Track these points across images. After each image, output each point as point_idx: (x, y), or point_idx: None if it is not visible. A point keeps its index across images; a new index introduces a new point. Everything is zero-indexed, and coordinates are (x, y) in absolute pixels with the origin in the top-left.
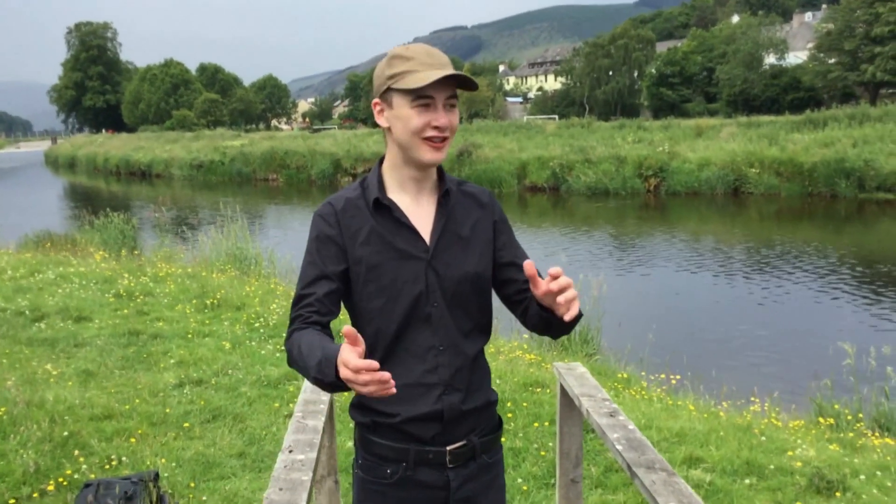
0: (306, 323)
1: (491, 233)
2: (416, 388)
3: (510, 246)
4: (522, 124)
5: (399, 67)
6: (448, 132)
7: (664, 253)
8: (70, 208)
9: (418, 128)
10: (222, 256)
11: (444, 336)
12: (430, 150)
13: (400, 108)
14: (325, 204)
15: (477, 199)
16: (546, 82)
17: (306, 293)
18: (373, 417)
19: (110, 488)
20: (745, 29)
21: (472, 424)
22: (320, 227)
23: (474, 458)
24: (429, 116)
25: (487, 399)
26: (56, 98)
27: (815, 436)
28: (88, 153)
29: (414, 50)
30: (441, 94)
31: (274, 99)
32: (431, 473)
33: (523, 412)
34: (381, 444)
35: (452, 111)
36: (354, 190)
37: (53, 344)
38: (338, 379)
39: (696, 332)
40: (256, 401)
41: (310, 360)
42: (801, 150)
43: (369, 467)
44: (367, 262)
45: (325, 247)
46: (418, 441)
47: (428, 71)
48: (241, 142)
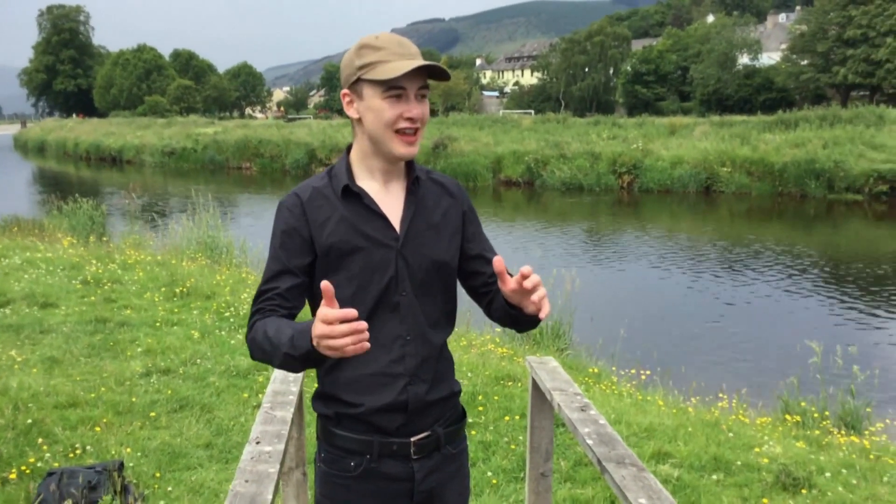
0: (272, 314)
1: (460, 222)
2: (381, 377)
3: (478, 238)
4: (498, 118)
5: (369, 57)
6: (420, 123)
7: (637, 249)
8: (38, 193)
9: (390, 119)
10: (193, 244)
11: (412, 325)
12: (403, 143)
13: (371, 100)
14: (291, 194)
15: (446, 188)
16: (522, 77)
17: (268, 288)
18: (336, 409)
19: (74, 477)
20: (719, 29)
21: (437, 415)
22: (285, 218)
23: (438, 448)
24: (401, 108)
25: (451, 389)
26: (26, 81)
27: (781, 433)
28: (58, 138)
29: (384, 39)
30: (413, 84)
31: (248, 87)
32: (396, 465)
33: (494, 405)
34: (344, 437)
35: (424, 102)
36: (321, 179)
37: (18, 330)
38: (312, 348)
39: (667, 328)
40: (225, 391)
41: (280, 338)
42: (772, 150)
43: (332, 460)
44: (336, 251)
45: (289, 240)
46: (382, 432)
47: (399, 61)
48: (214, 129)
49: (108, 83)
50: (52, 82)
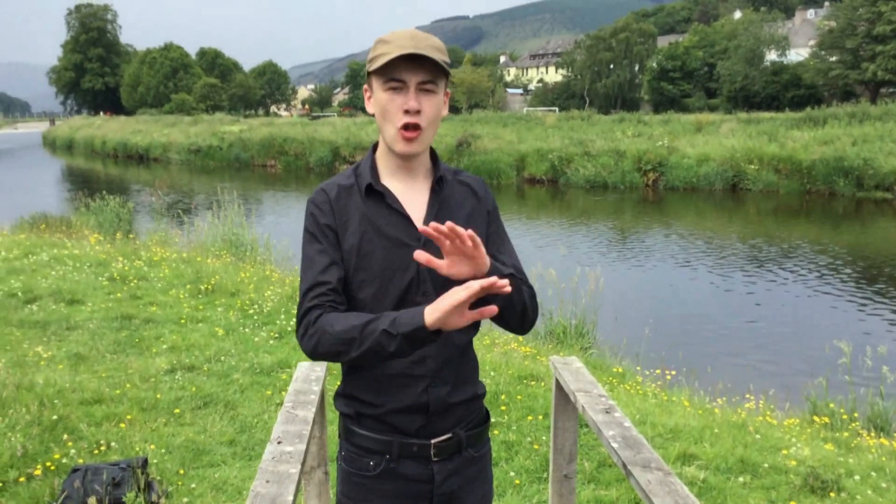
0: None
1: (485, 224)
2: (402, 378)
3: (495, 239)
4: (522, 116)
5: (377, 50)
6: (422, 119)
7: (662, 248)
8: (66, 190)
9: (390, 111)
10: (218, 242)
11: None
12: (403, 141)
13: (376, 92)
14: (319, 191)
15: (472, 188)
16: (547, 74)
17: (321, 281)
18: (357, 408)
19: (98, 474)
20: (747, 25)
21: (459, 417)
22: (316, 213)
23: (460, 451)
24: (400, 100)
25: (474, 392)
26: (55, 79)
27: (809, 434)
28: (86, 135)
29: (398, 34)
30: (413, 77)
31: (273, 85)
32: (415, 466)
33: (517, 405)
34: (364, 436)
35: (428, 96)
36: (348, 177)
37: (45, 326)
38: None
39: (693, 327)
40: (248, 388)
41: (373, 322)
42: (800, 148)
43: (353, 459)
44: (358, 250)
45: (325, 232)
46: (402, 433)
47: (399, 52)
48: (239, 127)
49: (136, 81)
50: (80, 80)
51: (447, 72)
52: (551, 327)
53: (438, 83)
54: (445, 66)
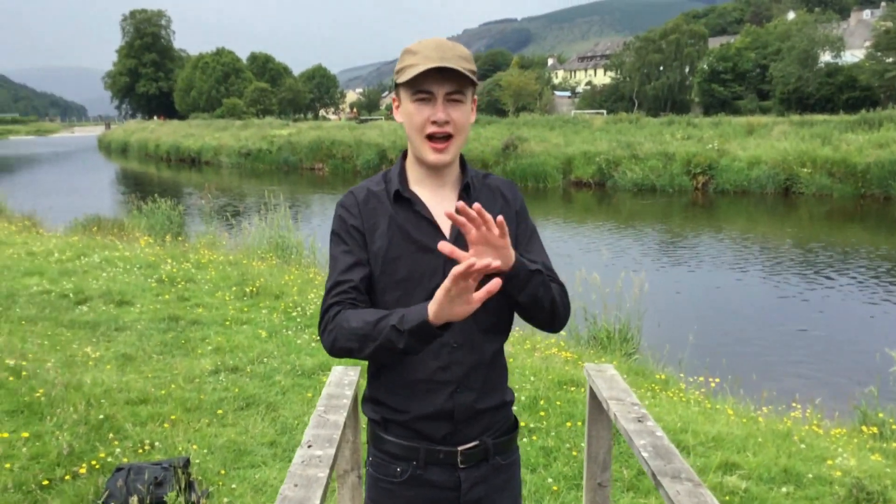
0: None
1: (514, 224)
2: (428, 384)
3: (523, 240)
4: (569, 119)
5: (405, 62)
6: (451, 129)
7: (710, 252)
8: (120, 193)
9: (418, 123)
10: (264, 244)
11: (460, 333)
12: (432, 150)
13: (404, 103)
14: (348, 194)
15: (501, 191)
16: (595, 77)
17: (344, 279)
18: (384, 414)
19: (140, 473)
20: (800, 26)
21: (486, 425)
22: (344, 215)
23: (487, 459)
24: (427, 111)
25: (503, 399)
26: (110, 84)
27: (856, 445)
28: (140, 139)
29: (424, 44)
30: (440, 88)
31: (322, 89)
32: (442, 473)
33: (556, 411)
34: (391, 442)
35: (456, 106)
36: (377, 183)
37: (94, 327)
38: (426, 321)
39: (739, 334)
40: (290, 390)
41: (385, 319)
42: (854, 151)
43: (380, 465)
44: (385, 255)
45: (353, 235)
46: (429, 440)
47: (427, 64)
48: (288, 131)
49: (188, 86)
50: (134, 85)
51: (474, 82)
52: (595, 332)
53: (465, 93)
54: (472, 77)
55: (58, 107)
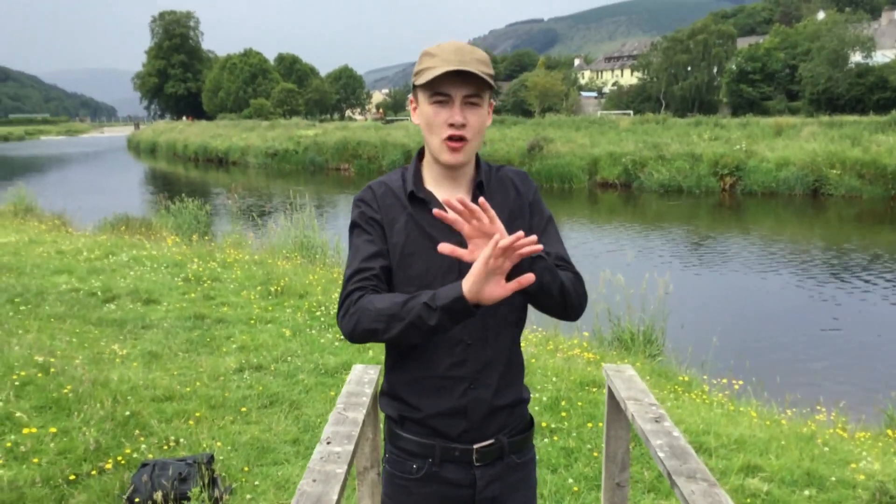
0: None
1: (528, 220)
2: (442, 381)
3: (537, 227)
4: (595, 119)
5: (423, 64)
6: (467, 132)
7: (736, 254)
8: (148, 193)
9: (436, 125)
10: (289, 244)
11: (474, 330)
12: (448, 151)
13: (422, 105)
14: (367, 189)
15: (513, 183)
16: (622, 77)
17: (365, 267)
18: (400, 411)
19: (165, 469)
20: (830, 26)
21: (502, 423)
22: (363, 209)
23: (502, 457)
24: (445, 114)
25: (518, 397)
26: (139, 85)
27: (881, 448)
28: (169, 139)
29: (443, 47)
30: (458, 91)
31: (349, 90)
32: (457, 471)
33: (578, 411)
34: (407, 439)
35: (473, 109)
36: (395, 179)
37: (122, 325)
38: (461, 295)
39: (764, 336)
40: (313, 388)
41: (413, 298)
42: (885, 152)
43: (396, 461)
44: (402, 250)
45: (373, 227)
46: (445, 437)
47: (445, 67)
48: (314, 131)
49: (216, 87)
50: (163, 86)
51: (491, 85)
52: (618, 333)
53: (483, 96)
54: (490, 81)
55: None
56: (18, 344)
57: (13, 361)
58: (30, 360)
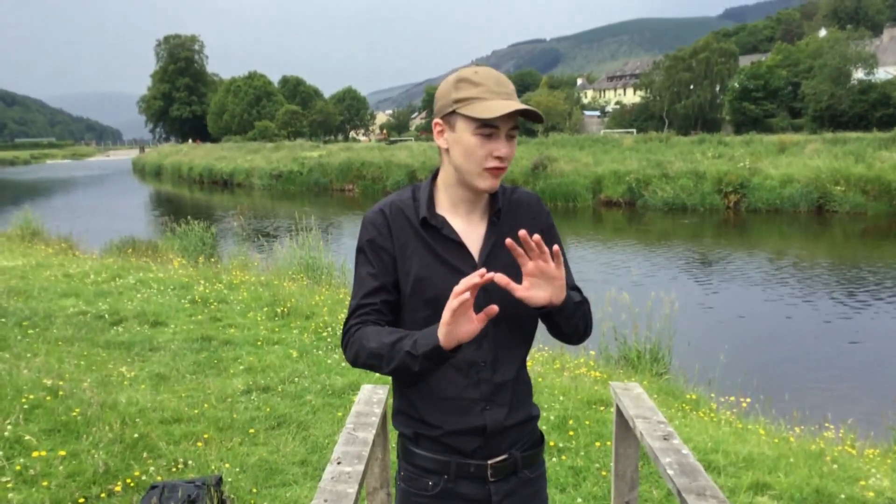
0: (373, 324)
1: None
2: (459, 402)
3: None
4: (599, 138)
5: (467, 92)
6: (507, 162)
7: (741, 271)
8: (154, 215)
9: (480, 157)
10: (295, 265)
11: (489, 352)
12: (488, 178)
13: (462, 133)
14: (377, 210)
15: (527, 208)
16: (625, 96)
17: (366, 303)
18: (416, 428)
19: (174, 491)
20: (832, 43)
21: (514, 439)
22: (372, 234)
23: (516, 472)
24: (491, 146)
25: (529, 414)
26: (145, 108)
27: (890, 465)
28: (174, 162)
29: (483, 75)
30: (506, 124)
31: (353, 111)
32: (472, 487)
33: (585, 430)
34: (422, 456)
35: (512, 141)
36: (406, 199)
37: (129, 347)
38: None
39: (771, 354)
40: (321, 409)
41: (402, 343)
42: (889, 168)
43: (411, 478)
44: (415, 275)
45: (380, 255)
46: (460, 454)
47: (497, 100)
48: (319, 153)
49: (221, 109)
50: (168, 109)
51: (542, 119)
52: (625, 352)
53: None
54: (542, 116)
55: (93, 131)
56: (27, 367)
57: (22, 385)
58: (38, 383)
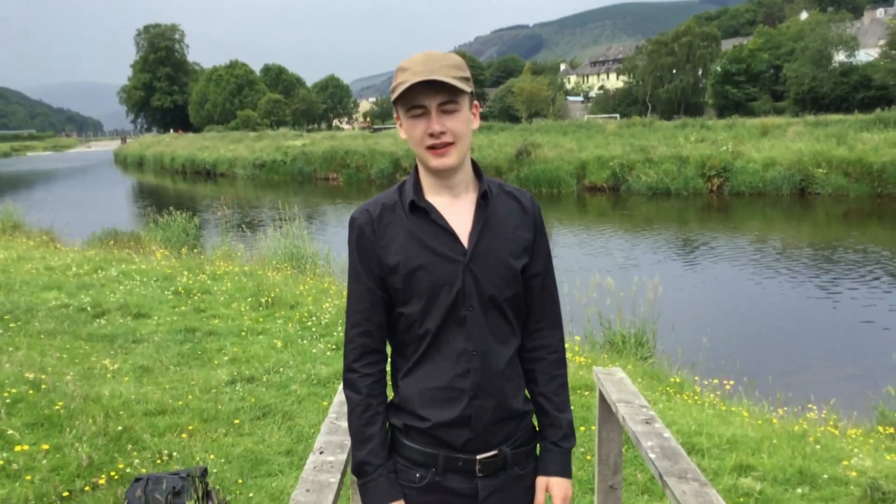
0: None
1: (531, 238)
2: (447, 391)
3: (540, 252)
4: (582, 123)
5: (397, 80)
6: (449, 137)
7: (725, 255)
8: (136, 206)
9: (417, 137)
10: (279, 255)
11: (478, 341)
12: (434, 156)
13: (403, 120)
14: (363, 210)
15: (519, 201)
16: (608, 81)
17: (360, 319)
18: (405, 420)
19: (159, 483)
20: (814, 26)
21: (506, 434)
22: (358, 233)
23: (505, 468)
24: (424, 125)
25: (521, 408)
26: (125, 98)
27: (872, 445)
28: (156, 152)
29: (413, 59)
30: (432, 100)
31: (336, 99)
32: (460, 481)
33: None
34: (412, 448)
35: (451, 115)
36: (392, 195)
37: (112, 340)
38: None
39: (754, 336)
40: (306, 399)
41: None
42: (870, 150)
43: (399, 470)
44: (404, 268)
45: (365, 254)
46: (449, 447)
47: (414, 79)
48: (302, 141)
49: (203, 99)
50: (149, 99)
51: (463, 89)
52: (610, 336)
53: (459, 101)
54: (461, 85)
55: (74, 122)
56: (9, 361)
57: (4, 379)
58: (20, 376)
